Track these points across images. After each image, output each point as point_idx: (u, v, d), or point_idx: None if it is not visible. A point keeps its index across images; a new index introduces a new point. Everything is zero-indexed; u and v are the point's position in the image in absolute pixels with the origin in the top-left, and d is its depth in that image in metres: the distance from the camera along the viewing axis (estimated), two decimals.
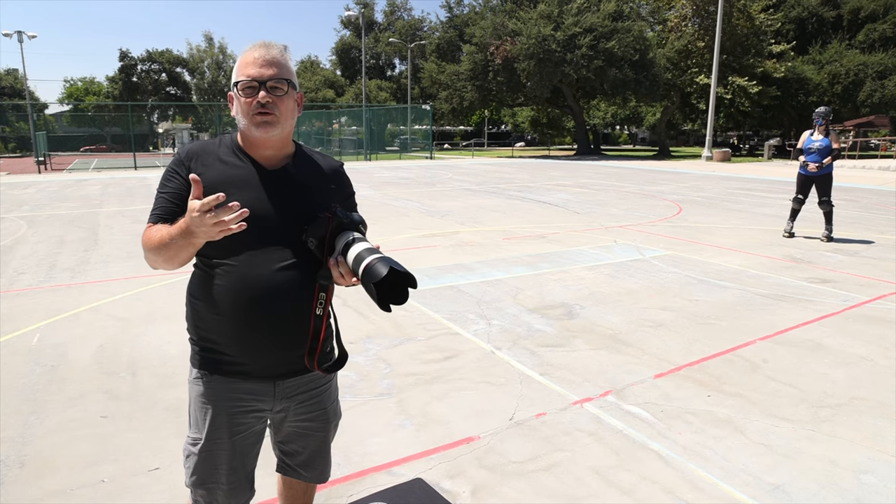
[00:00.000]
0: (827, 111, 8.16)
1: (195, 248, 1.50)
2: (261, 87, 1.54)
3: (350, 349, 4.10)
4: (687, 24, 36.03)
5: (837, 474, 2.62)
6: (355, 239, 1.50)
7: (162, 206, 1.60)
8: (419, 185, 16.92)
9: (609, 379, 3.63)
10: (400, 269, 1.40)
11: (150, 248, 1.54)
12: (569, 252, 7.39)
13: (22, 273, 6.36)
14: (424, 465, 2.70)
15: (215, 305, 1.60)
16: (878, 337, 4.37)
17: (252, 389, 1.66)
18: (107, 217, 10.65)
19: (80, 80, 64.48)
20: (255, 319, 1.58)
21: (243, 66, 1.57)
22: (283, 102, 1.58)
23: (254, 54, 1.57)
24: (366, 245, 1.48)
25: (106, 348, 4.13)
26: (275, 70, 1.56)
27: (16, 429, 3.01)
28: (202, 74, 60.22)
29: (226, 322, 1.59)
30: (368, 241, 1.51)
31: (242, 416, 1.66)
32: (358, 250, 1.46)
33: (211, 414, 1.65)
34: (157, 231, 1.53)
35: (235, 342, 1.60)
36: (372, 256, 1.43)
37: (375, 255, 1.43)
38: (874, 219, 10.36)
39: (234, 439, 1.66)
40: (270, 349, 1.62)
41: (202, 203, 1.35)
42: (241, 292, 1.57)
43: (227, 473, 1.68)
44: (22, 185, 17.98)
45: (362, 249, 1.46)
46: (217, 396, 1.64)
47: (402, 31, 56.93)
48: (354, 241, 1.49)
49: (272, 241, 1.58)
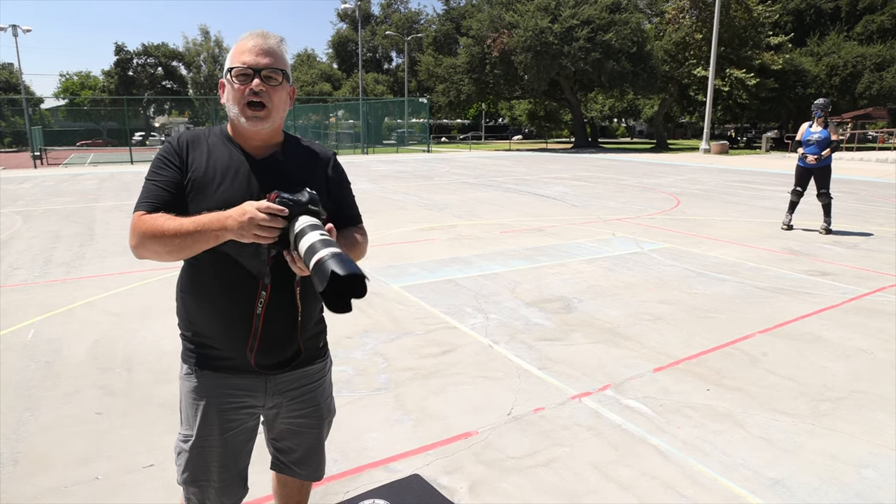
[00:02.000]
0: (826, 103, 8.13)
1: (217, 244, 1.44)
2: (255, 74, 1.52)
3: (347, 344, 4.08)
4: (684, 16, 35.92)
5: (838, 468, 2.61)
6: (310, 227, 1.33)
7: (156, 195, 1.52)
8: (416, 178, 16.87)
9: (608, 373, 3.61)
10: (350, 273, 1.20)
11: (156, 236, 1.44)
12: (567, 245, 7.36)
13: (17, 268, 6.32)
14: (422, 460, 2.68)
15: (204, 299, 1.57)
16: (878, 329, 4.35)
17: (243, 385, 1.63)
18: (103, 212, 10.60)
19: (75, 75, 64.18)
20: (246, 311, 1.55)
21: (238, 53, 1.54)
22: (276, 93, 1.55)
23: (250, 42, 1.54)
24: (318, 235, 1.30)
25: (101, 344, 4.10)
26: (270, 59, 1.54)
27: (10, 426, 2.99)
28: (198, 68, 59.89)
29: (215, 316, 1.56)
30: (322, 229, 1.33)
31: (234, 412, 1.64)
32: (310, 241, 1.29)
33: (202, 410, 1.62)
34: (166, 220, 1.44)
35: (224, 336, 1.57)
36: (325, 251, 1.24)
37: (329, 249, 1.25)
38: (873, 211, 10.35)
39: (226, 436, 1.64)
40: (261, 343, 1.59)
41: (269, 207, 1.33)
42: (231, 283, 1.54)
43: (219, 471, 1.65)
44: (18, 179, 17.89)
45: (315, 241, 1.28)
46: (208, 392, 1.61)
47: (398, 24, 56.69)
48: (306, 231, 1.32)
49: None
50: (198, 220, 1.41)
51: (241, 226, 1.35)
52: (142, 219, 1.48)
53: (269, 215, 1.33)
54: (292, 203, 1.36)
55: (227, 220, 1.38)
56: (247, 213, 1.34)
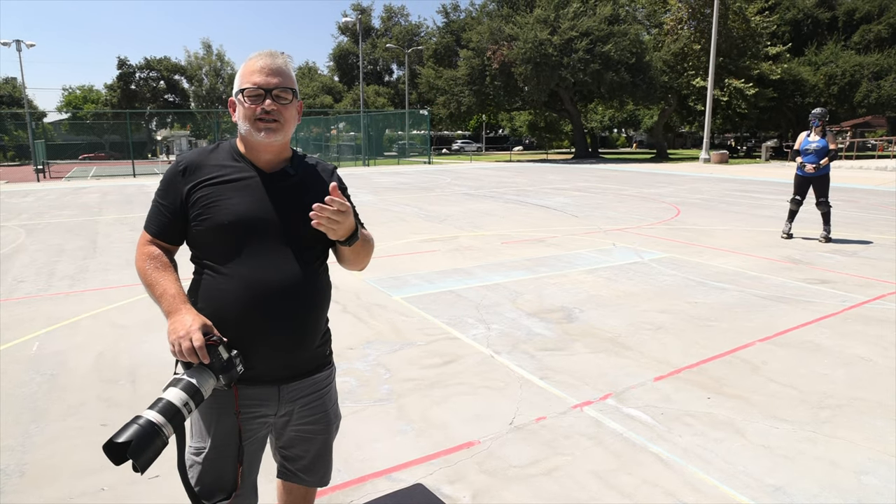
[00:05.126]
0: (823, 112, 8.19)
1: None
2: (266, 94, 1.58)
3: (350, 355, 4.10)
4: (683, 27, 36.16)
5: (838, 475, 2.62)
6: (187, 385, 1.44)
7: (158, 220, 1.67)
8: (418, 190, 16.94)
9: (609, 382, 3.63)
10: (123, 441, 1.30)
11: (139, 274, 1.64)
12: (567, 256, 7.39)
13: (21, 281, 6.36)
14: (425, 470, 2.70)
15: (218, 311, 1.60)
16: (878, 337, 4.37)
17: (257, 395, 1.66)
18: (106, 225, 10.65)
19: (78, 89, 64.65)
20: (258, 323, 1.59)
21: (248, 74, 1.60)
22: (286, 110, 1.62)
23: (259, 63, 1.60)
24: (176, 394, 1.41)
25: (105, 356, 4.12)
26: (280, 79, 1.61)
27: (16, 438, 3.01)
28: (200, 82, 60.21)
29: (229, 327, 1.59)
30: (191, 400, 1.43)
31: (248, 422, 1.67)
32: (169, 394, 1.41)
33: (218, 422, 1.65)
34: (152, 268, 1.61)
35: (241, 347, 1.60)
36: (149, 413, 1.36)
37: (151, 414, 1.36)
38: (872, 219, 10.37)
39: (243, 445, 1.67)
40: (274, 352, 1.63)
41: (200, 348, 1.45)
42: (242, 296, 1.58)
43: (234, 481, 1.68)
44: (21, 193, 17.99)
45: (167, 397, 1.41)
46: (224, 403, 1.64)
47: (399, 37, 57.04)
48: (178, 383, 1.44)
49: (272, 242, 1.61)
50: (161, 294, 1.57)
51: (174, 335, 1.47)
52: (142, 248, 1.67)
53: (194, 350, 1.45)
54: (212, 364, 1.48)
55: (173, 315, 1.52)
56: (186, 334, 1.46)
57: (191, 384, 1.43)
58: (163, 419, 1.36)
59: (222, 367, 1.49)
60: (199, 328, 1.47)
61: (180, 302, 1.54)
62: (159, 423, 1.35)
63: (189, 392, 1.42)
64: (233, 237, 1.59)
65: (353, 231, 1.62)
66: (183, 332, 1.46)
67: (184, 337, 1.45)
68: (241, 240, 1.58)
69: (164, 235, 1.67)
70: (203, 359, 1.45)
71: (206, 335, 1.48)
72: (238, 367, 1.52)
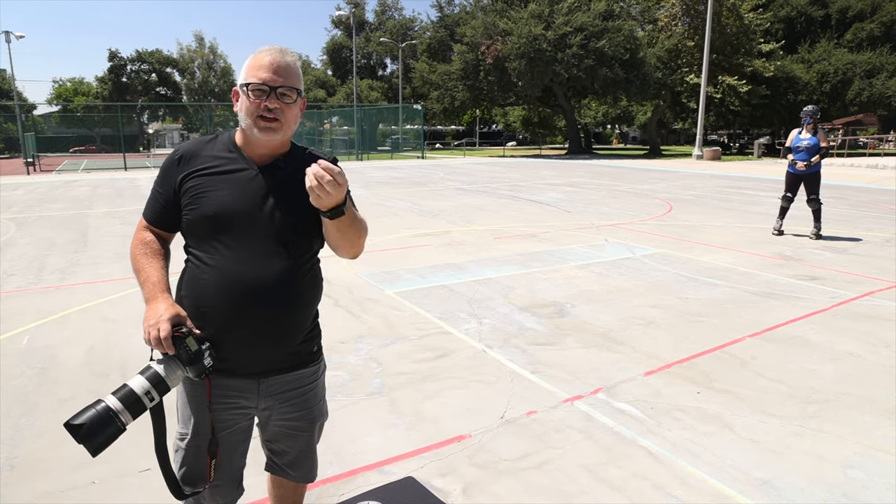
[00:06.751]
0: (814, 110, 8.23)
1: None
2: (271, 92, 1.56)
3: (341, 349, 4.11)
4: (677, 24, 36.19)
5: (825, 469, 2.65)
6: (153, 376, 1.49)
7: (154, 207, 1.70)
8: (411, 184, 16.92)
9: (600, 377, 3.65)
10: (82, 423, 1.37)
11: (131, 259, 1.70)
12: (560, 251, 7.41)
13: (11, 275, 6.32)
14: (416, 463, 2.71)
15: (200, 301, 1.61)
16: (866, 333, 4.41)
17: (236, 386, 1.67)
18: (96, 218, 10.59)
19: (68, 81, 63.95)
20: (239, 315, 1.58)
21: (255, 69, 1.57)
22: (289, 109, 1.60)
23: (267, 58, 1.58)
24: (140, 384, 1.47)
25: (96, 350, 4.11)
26: (286, 78, 1.58)
27: (6, 431, 3.00)
28: (192, 75, 59.81)
29: (207, 319, 1.59)
30: (154, 394, 1.48)
31: (227, 411, 1.67)
32: (134, 382, 1.47)
33: (196, 410, 1.66)
34: (142, 255, 1.66)
35: (219, 338, 1.60)
36: (111, 399, 1.43)
37: (112, 400, 1.43)
38: (862, 216, 10.45)
39: (219, 435, 1.67)
40: (250, 346, 1.62)
41: (166, 339, 1.47)
42: (225, 287, 1.58)
43: (213, 470, 1.68)
44: (10, 186, 17.84)
45: (133, 385, 1.47)
46: (202, 394, 1.64)
47: (393, 31, 56.84)
48: (147, 371, 1.49)
49: (256, 235, 1.60)
50: (144, 280, 1.62)
51: (146, 322, 1.51)
52: (138, 233, 1.72)
53: (160, 341, 1.48)
54: (179, 355, 1.51)
55: (150, 303, 1.56)
56: (156, 323, 1.49)
57: (156, 374, 1.46)
58: (121, 406, 1.40)
59: (189, 359, 1.50)
60: (169, 318, 1.49)
61: (159, 290, 1.56)
62: (117, 409, 1.39)
63: (153, 381, 1.45)
64: (217, 228, 1.58)
65: (339, 205, 1.53)
66: (153, 321, 1.48)
67: (153, 326, 1.48)
68: (225, 231, 1.58)
69: (158, 222, 1.70)
70: (168, 349, 1.47)
71: (176, 326, 1.49)
72: (206, 359, 1.52)
